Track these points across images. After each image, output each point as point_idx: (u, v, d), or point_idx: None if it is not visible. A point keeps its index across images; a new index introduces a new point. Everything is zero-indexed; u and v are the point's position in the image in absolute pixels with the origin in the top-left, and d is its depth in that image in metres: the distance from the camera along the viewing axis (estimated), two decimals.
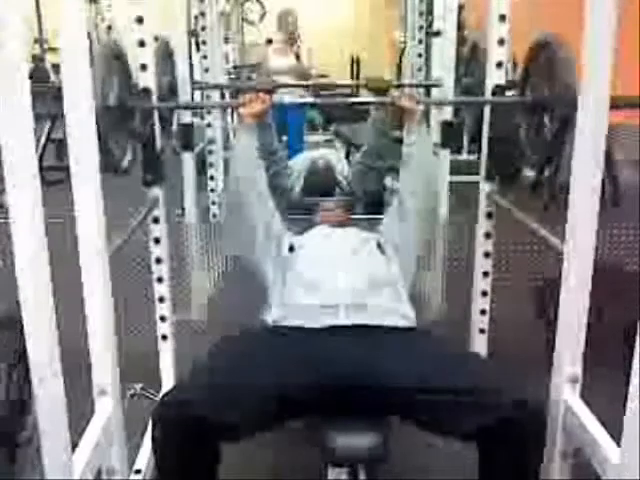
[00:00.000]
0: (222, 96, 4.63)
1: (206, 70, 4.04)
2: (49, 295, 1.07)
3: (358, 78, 10.00)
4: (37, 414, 1.10)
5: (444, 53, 3.37)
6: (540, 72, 2.03)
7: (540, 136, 2.05)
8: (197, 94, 4.15)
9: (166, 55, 2.94)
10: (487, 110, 2.33)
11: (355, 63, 10.04)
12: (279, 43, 5.85)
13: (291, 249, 2.02)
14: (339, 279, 1.85)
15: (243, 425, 1.54)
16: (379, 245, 2.03)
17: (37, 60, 8.50)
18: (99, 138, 1.42)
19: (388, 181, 4.26)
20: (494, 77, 2.26)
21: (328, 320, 1.73)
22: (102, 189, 1.41)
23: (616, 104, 1.47)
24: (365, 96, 3.49)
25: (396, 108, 2.22)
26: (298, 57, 5.82)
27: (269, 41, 6.41)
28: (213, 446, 1.53)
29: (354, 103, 4.07)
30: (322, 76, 8.17)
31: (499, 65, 2.26)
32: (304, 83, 5.35)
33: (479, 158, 2.44)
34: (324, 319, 1.74)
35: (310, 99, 5.08)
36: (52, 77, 8.06)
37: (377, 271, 1.92)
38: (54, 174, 4.62)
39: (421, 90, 4.01)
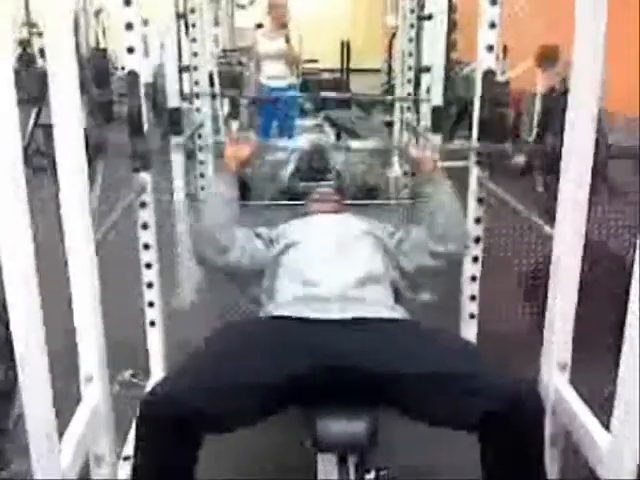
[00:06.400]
0: (211, 84, 4.59)
1: (195, 54, 3.99)
2: (34, 281, 1.05)
3: (349, 63, 9.99)
4: (23, 401, 1.09)
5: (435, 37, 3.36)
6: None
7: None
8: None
9: None
10: (478, 94, 2.32)
11: (345, 48, 10.01)
12: (269, 27, 5.80)
13: (275, 239, 2.01)
14: (333, 272, 1.84)
15: (235, 416, 1.53)
16: (377, 240, 2.01)
17: (24, 44, 8.40)
18: None
19: None
20: (485, 61, 2.24)
21: (323, 314, 1.72)
22: None
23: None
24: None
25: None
26: (288, 41, 5.76)
27: (259, 25, 6.35)
28: (197, 437, 1.48)
29: None
30: (312, 60, 8.14)
31: (490, 49, 2.24)
32: None
33: (469, 143, 2.42)
34: (318, 312, 1.72)
35: None
36: (39, 62, 7.98)
37: (371, 264, 1.92)
38: (41, 160, 4.57)
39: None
